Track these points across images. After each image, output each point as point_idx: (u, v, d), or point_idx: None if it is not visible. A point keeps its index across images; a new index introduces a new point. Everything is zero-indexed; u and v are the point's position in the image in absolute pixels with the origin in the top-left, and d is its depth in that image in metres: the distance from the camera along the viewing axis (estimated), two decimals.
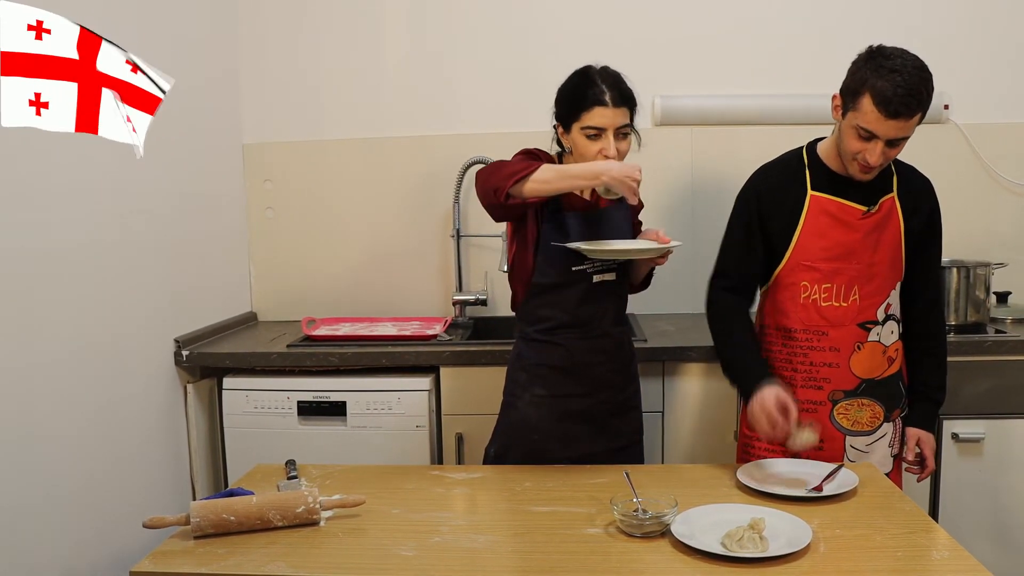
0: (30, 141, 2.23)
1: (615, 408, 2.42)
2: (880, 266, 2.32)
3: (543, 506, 2.03)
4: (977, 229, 3.36)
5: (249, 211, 3.67)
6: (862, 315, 2.32)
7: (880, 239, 2.31)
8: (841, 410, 2.36)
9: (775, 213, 2.36)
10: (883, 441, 2.39)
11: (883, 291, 2.34)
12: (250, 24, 3.58)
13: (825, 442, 2.36)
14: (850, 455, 2.36)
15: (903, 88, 2.08)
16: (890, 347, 2.36)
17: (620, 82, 2.25)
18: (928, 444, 2.43)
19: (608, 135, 2.21)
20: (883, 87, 2.09)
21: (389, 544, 1.84)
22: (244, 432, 3.02)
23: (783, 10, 3.46)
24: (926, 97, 2.13)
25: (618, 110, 2.21)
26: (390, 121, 3.59)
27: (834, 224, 2.31)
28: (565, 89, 2.29)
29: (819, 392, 2.36)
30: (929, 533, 1.83)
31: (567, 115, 2.26)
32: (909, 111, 2.11)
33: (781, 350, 2.40)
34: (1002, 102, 3.45)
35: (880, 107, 2.10)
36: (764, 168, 2.45)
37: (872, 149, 2.17)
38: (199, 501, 1.92)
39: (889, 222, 2.32)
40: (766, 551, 1.71)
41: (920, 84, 2.10)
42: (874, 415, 2.36)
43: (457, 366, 2.99)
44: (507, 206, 2.14)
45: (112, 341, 2.61)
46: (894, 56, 2.13)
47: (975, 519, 2.92)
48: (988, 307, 3.16)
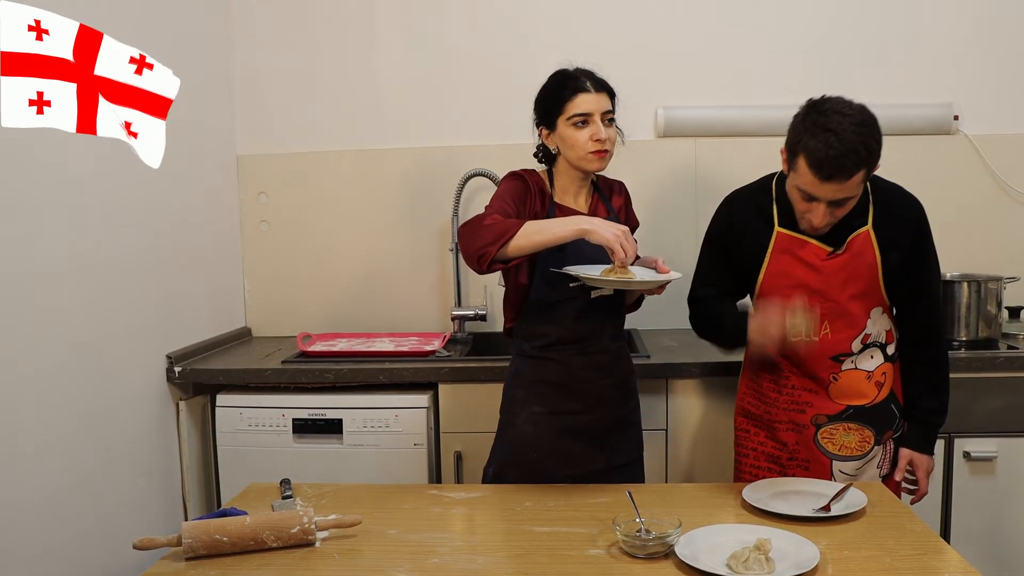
0: (19, 152, 2.20)
1: (614, 424, 2.40)
2: (852, 303, 2.27)
3: (544, 526, 2.00)
4: (988, 242, 3.33)
5: (243, 224, 3.63)
6: (835, 348, 2.29)
7: (851, 276, 2.25)
8: (825, 434, 2.33)
9: (742, 246, 2.34)
10: (872, 463, 2.36)
11: (857, 324, 2.28)
12: (244, 35, 3.56)
13: (812, 463, 2.34)
14: (838, 478, 2.32)
15: (836, 149, 2.01)
16: (875, 371, 2.31)
17: (595, 73, 2.32)
18: (921, 466, 2.38)
19: (595, 119, 2.25)
20: (816, 148, 2.03)
21: (386, 565, 1.81)
22: (237, 450, 2.98)
23: (786, 20, 3.44)
24: (865, 155, 2.03)
25: (600, 95, 2.27)
26: (387, 133, 3.57)
27: (797, 264, 2.26)
28: (544, 90, 2.35)
29: (802, 415, 2.34)
30: (940, 554, 1.80)
31: (551, 111, 2.30)
32: (844, 173, 2.03)
33: (764, 370, 2.40)
34: (1013, 113, 3.42)
35: (814, 170, 2.04)
36: (732, 198, 2.42)
37: (815, 210, 2.13)
38: (191, 521, 1.89)
39: (861, 258, 2.24)
40: (772, 573, 1.68)
41: (857, 142, 2.01)
42: (863, 439, 2.32)
43: (456, 383, 2.95)
44: (493, 270, 2.16)
45: (102, 357, 2.58)
46: (830, 112, 2.05)
47: (987, 539, 2.87)
48: (1000, 322, 3.12)
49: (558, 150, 2.32)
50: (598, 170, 2.32)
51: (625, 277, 2.13)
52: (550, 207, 2.32)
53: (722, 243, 2.39)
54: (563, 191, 2.37)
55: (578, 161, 2.29)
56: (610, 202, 2.44)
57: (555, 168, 2.37)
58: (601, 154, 2.27)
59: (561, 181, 2.37)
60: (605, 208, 2.41)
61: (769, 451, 2.40)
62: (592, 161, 2.27)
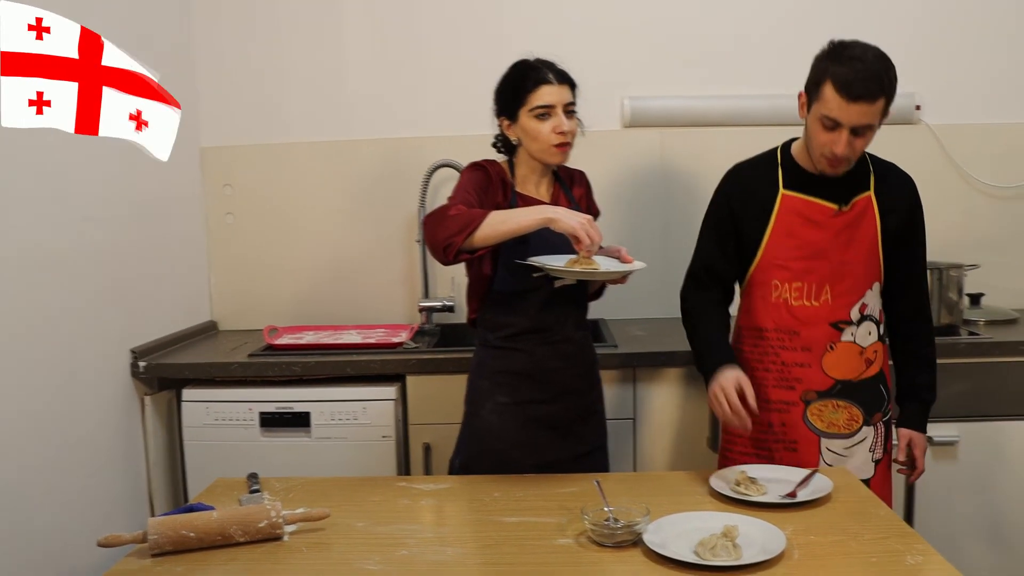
0: None
1: (578, 413, 2.41)
2: (853, 265, 2.31)
3: (512, 516, 2.00)
4: (949, 231, 3.38)
5: (208, 217, 3.60)
6: (834, 315, 2.32)
7: (853, 237, 2.31)
8: (814, 411, 2.35)
9: (747, 213, 2.37)
10: (863, 446, 2.37)
11: (857, 290, 2.33)
12: (208, 24, 3.51)
13: (799, 443, 2.36)
14: (827, 458, 2.34)
15: (863, 72, 2.11)
16: (868, 348, 2.34)
17: (556, 64, 2.31)
18: (919, 445, 2.42)
19: (558, 111, 2.26)
20: (844, 73, 2.12)
21: (354, 558, 1.80)
22: (204, 445, 2.96)
23: (752, 11, 3.45)
24: (888, 83, 2.14)
25: (562, 87, 2.28)
26: (354, 124, 3.54)
27: (804, 223, 2.32)
28: (505, 81, 2.35)
29: (791, 392, 2.36)
30: (904, 538, 1.82)
31: (512, 103, 2.30)
32: (870, 94, 2.12)
33: (753, 350, 2.40)
34: (973, 103, 3.47)
35: (842, 92, 2.12)
36: (737, 168, 2.46)
37: (838, 139, 2.18)
38: (157, 517, 1.87)
39: (863, 221, 2.31)
40: (740, 559, 1.69)
41: (881, 69, 2.13)
42: (851, 417, 2.34)
43: (424, 374, 2.95)
44: (459, 260, 2.16)
45: (64, 354, 2.54)
46: (854, 46, 2.16)
47: (950, 523, 2.91)
48: (961, 309, 3.18)
49: (519, 141, 2.32)
50: (559, 163, 2.33)
51: (589, 267, 2.13)
52: (512, 197, 2.32)
53: (727, 211, 2.41)
54: (524, 181, 2.37)
55: (540, 154, 2.29)
56: (571, 191, 2.44)
57: (516, 159, 2.38)
58: (563, 147, 2.27)
59: (522, 171, 2.37)
60: (566, 198, 2.42)
61: (754, 435, 2.41)
62: (554, 155, 2.28)
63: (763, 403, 2.36)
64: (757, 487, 2.03)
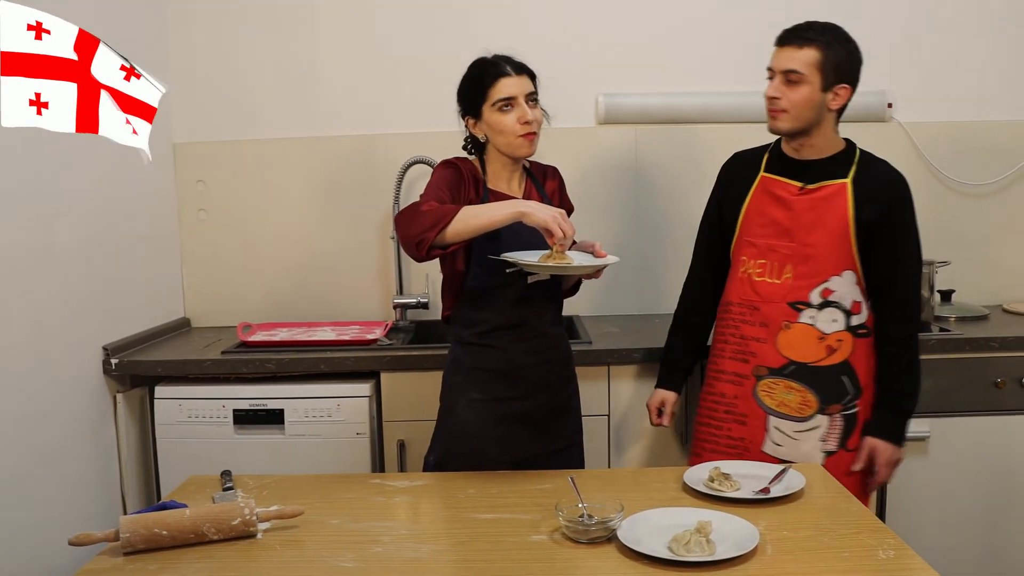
0: None
1: (553, 410, 2.42)
2: (817, 248, 2.36)
3: (487, 513, 2.00)
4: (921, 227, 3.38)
5: (181, 213, 3.57)
6: (793, 295, 2.38)
7: (818, 220, 2.36)
8: (764, 388, 2.40)
9: (731, 197, 2.50)
10: (814, 433, 2.39)
11: (819, 274, 2.36)
12: (179, 20, 3.48)
13: (748, 417, 2.43)
14: (774, 437, 2.38)
15: (796, 25, 2.34)
16: (830, 336, 2.36)
17: (513, 57, 2.33)
18: (883, 455, 2.39)
19: (520, 101, 2.27)
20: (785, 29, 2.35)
21: (328, 556, 1.80)
22: (177, 442, 2.93)
23: (726, 8, 3.46)
24: (821, 31, 2.30)
25: (521, 77, 2.29)
26: (327, 120, 3.52)
27: (771, 201, 2.41)
28: (465, 80, 2.37)
29: (745, 365, 2.43)
30: (876, 533, 1.83)
31: (475, 100, 2.31)
32: (796, 39, 2.30)
33: (719, 323, 2.52)
34: (945, 100, 3.50)
35: (776, 43, 2.33)
36: (734, 155, 2.60)
37: (771, 85, 2.33)
38: (129, 516, 1.86)
39: (832, 205, 2.35)
40: (713, 554, 1.70)
41: (817, 25, 2.31)
42: (804, 402, 2.37)
43: (398, 371, 2.94)
44: (432, 257, 2.16)
45: (35, 350, 2.51)
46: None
47: (921, 518, 2.93)
48: (932, 306, 3.20)
49: (487, 138, 2.32)
50: (528, 155, 2.33)
51: (562, 262, 2.13)
52: (484, 194, 2.32)
53: (714, 201, 2.58)
54: (496, 177, 2.37)
55: (508, 147, 2.29)
56: (543, 187, 2.44)
57: (486, 156, 2.38)
58: (530, 137, 2.27)
59: (493, 167, 2.37)
60: (538, 193, 2.42)
61: (709, 404, 2.51)
62: (522, 146, 2.28)
63: (719, 373, 2.47)
64: (731, 483, 2.04)
